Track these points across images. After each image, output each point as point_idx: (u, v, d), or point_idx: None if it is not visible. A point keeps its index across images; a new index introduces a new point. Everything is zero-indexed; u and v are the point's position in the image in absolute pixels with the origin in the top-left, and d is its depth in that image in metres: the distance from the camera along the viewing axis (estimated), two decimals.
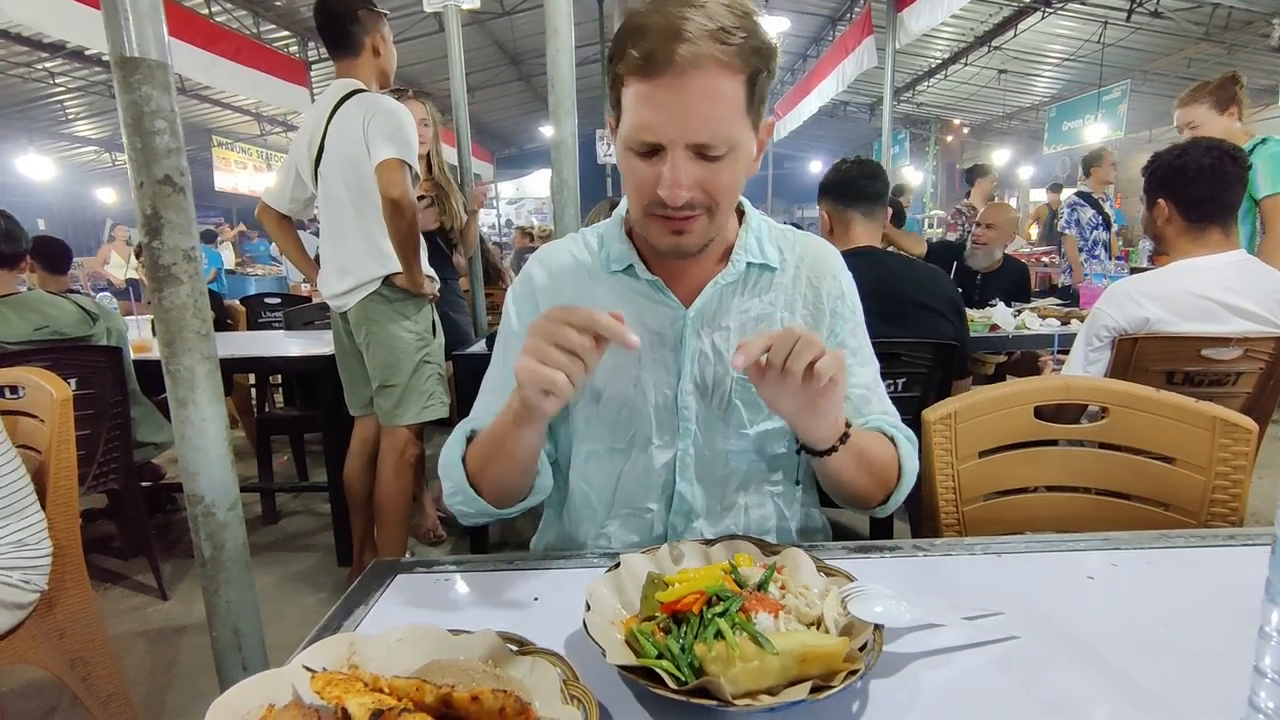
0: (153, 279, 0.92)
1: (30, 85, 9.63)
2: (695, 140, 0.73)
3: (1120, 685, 0.58)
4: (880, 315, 1.88)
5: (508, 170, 19.75)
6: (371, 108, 1.98)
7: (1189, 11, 8.13)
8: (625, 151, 0.78)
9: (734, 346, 0.87)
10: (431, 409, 2.19)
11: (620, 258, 0.89)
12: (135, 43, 0.86)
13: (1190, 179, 1.56)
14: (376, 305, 2.08)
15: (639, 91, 0.73)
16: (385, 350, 2.10)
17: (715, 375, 0.89)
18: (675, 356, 0.89)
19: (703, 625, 0.58)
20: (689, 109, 0.71)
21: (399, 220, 1.97)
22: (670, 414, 0.90)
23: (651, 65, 0.70)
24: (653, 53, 0.70)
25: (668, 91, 0.71)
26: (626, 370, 0.89)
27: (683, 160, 0.73)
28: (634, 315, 0.88)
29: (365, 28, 2.07)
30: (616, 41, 0.74)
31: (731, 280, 0.89)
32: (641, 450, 0.90)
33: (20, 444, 1.32)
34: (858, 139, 18.63)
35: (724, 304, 0.89)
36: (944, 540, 0.89)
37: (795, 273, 0.92)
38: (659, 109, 0.72)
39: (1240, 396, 1.61)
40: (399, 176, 1.95)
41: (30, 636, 1.28)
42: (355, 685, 0.52)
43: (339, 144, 2.02)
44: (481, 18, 9.87)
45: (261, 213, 2.32)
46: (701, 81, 0.70)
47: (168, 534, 2.95)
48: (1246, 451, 1.00)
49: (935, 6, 5.77)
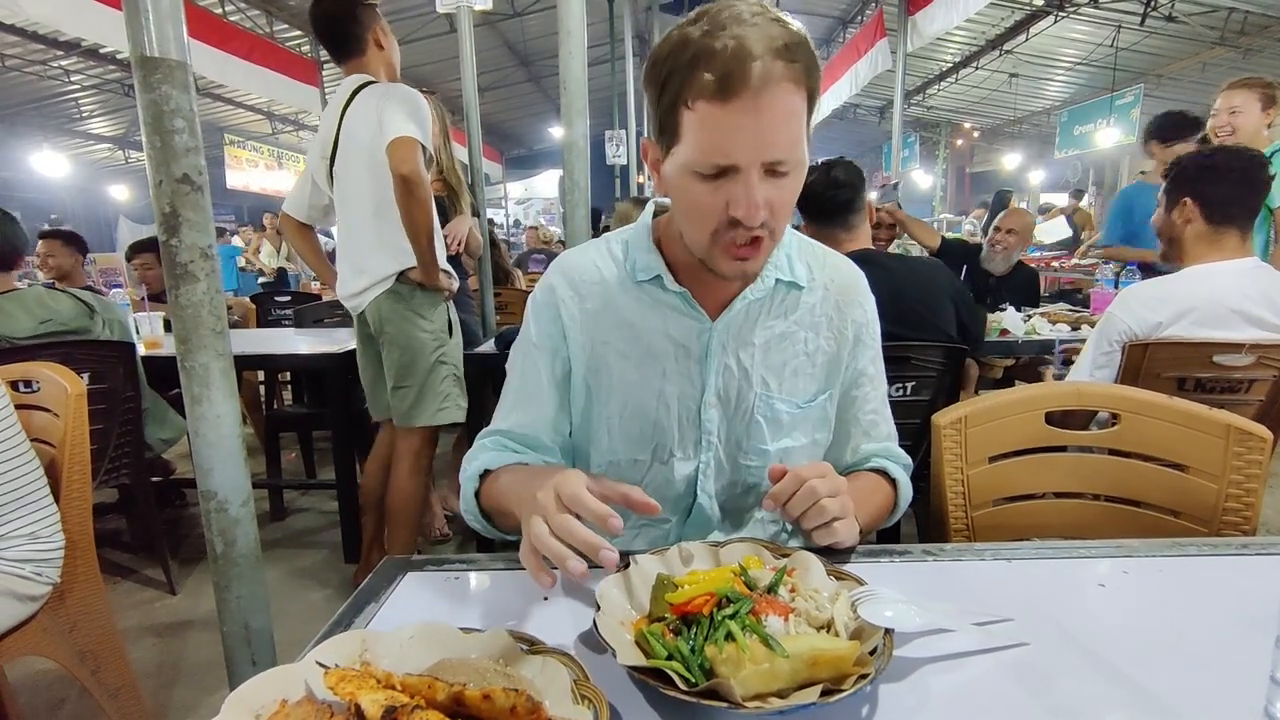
0: (170, 276, 0.93)
1: (46, 83, 9.72)
2: (772, 159, 0.72)
3: (1131, 693, 0.58)
4: (887, 318, 1.88)
5: (516, 170, 19.80)
6: (386, 92, 1.95)
7: (1204, 16, 8.07)
8: (688, 177, 0.75)
9: (758, 363, 0.89)
10: (446, 411, 2.13)
11: (648, 268, 0.88)
12: (155, 43, 0.87)
13: (1220, 177, 1.57)
14: (391, 303, 2.04)
15: (711, 115, 0.71)
16: (400, 350, 2.07)
17: (739, 390, 0.89)
18: (700, 370, 0.88)
19: (713, 627, 0.58)
20: (767, 129, 0.71)
21: (410, 200, 1.88)
22: (693, 427, 0.89)
23: (727, 88, 0.69)
24: (729, 75, 0.69)
25: (745, 114, 0.70)
26: (651, 383, 0.88)
27: (757, 179, 0.73)
28: (660, 326, 0.88)
29: (365, 24, 2.05)
30: (673, 66, 0.72)
31: (760, 296, 0.88)
32: (663, 462, 0.90)
33: (34, 438, 1.33)
34: (868, 142, 18.59)
35: (751, 319, 0.89)
36: (954, 545, 0.88)
37: (824, 294, 0.92)
38: (736, 130, 0.71)
39: (1253, 404, 1.60)
40: (410, 154, 1.86)
41: (42, 629, 1.29)
42: (368, 682, 0.52)
43: (355, 136, 1.98)
44: (492, 19, 9.90)
45: (283, 221, 2.33)
46: (777, 100, 0.70)
47: (177, 529, 2.98)
48: (1260, 460, 0.99)
49: (949, 10, 5.75)
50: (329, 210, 2.25)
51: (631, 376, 0.88)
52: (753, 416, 0.89)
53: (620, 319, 0.89)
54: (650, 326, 0.88)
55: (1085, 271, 6.21)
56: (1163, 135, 3.21)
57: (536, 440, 0.92)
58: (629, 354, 0.88)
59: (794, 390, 0.91)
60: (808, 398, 0.92)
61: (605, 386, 0.90)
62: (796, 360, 0.91)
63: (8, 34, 7.78)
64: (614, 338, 0.89)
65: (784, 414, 0.90)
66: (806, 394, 0.92)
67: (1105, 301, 2.61)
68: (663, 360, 0.88)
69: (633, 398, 0.89)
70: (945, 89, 12.57)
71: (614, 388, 0.89)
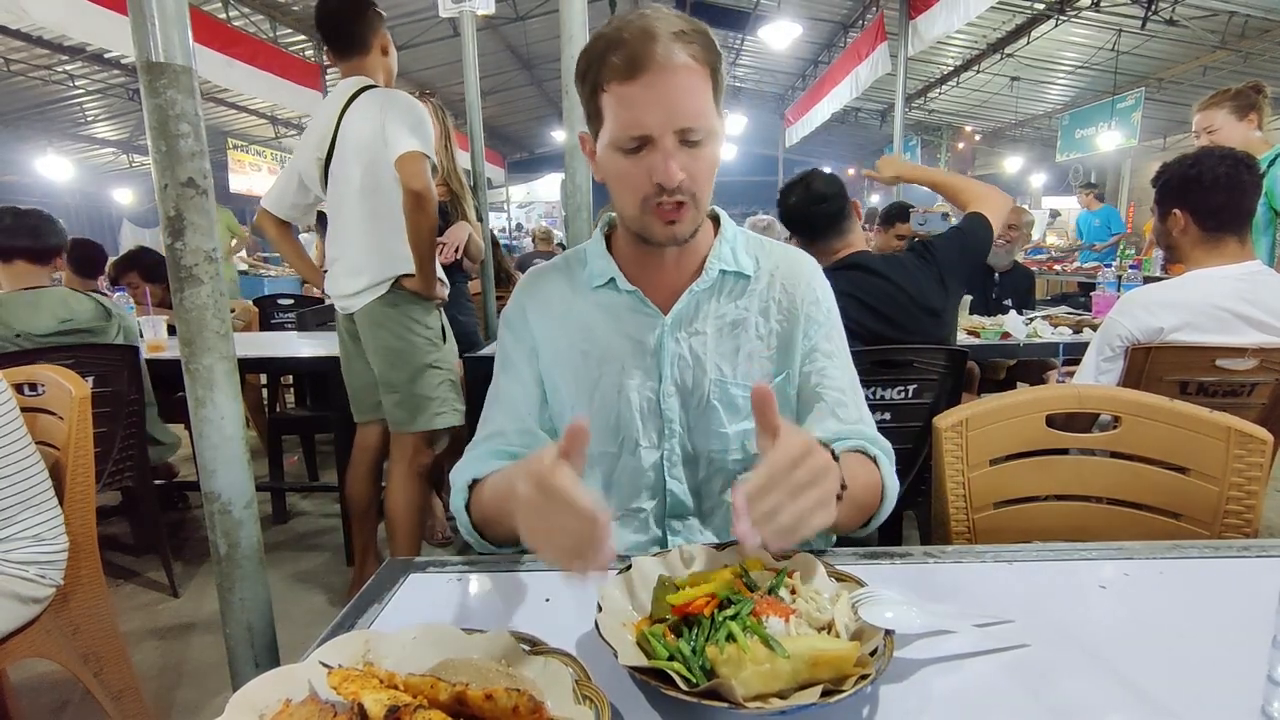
0: (174, 279, 0.94)
1: (50, 88, 9.76)
2: (681, 125, 0.80)
3: (1131, 694, 0.58)
4: (887, 322, 1.88)
5: (519, 174, 19.83)
6: (390, 101, 1.95)
7: (1205, 20, 8.07)
8: (613, 154, 0.84)
9: (711, 350, 0.93)
10: (443, 416, 2.13)
11: (602, 273, 0.95)
12: (161, 48, 0.87)
13: (1206, 187, 1.55)
14: (385, 308, 2.04)
15: (624, 93, 0.80)
16: (394, 354, 2.06)
17: (694, 378, 0.93)
18: (656, 361, 0.93)
19: (714, 628, 0.58)
20: (672, 99, 0.79)
21: (419, 215, 1.92)
22: (655, 416, 0.94)
23: (633, 67, 0.78)
24: (634, 56, 0.78)
25: (651, 88, 0.79)
26: (611, 378, 0.93)
27: (672, 146, 0.80)
28: (616, 327, 0.94)
29: (373, 26, 2.05)
30: (589, 58, 0.82)
31: (706, 287, 0.93)
32: (630, 452, 0.94)
33: (38, 440, 1.33)
34: (868, 145, 18.59)
35: (699, 309, 0.94)
36: (955, 547, 0.89)
37: (770, 279, 0.96)
38: (646, 104, 0.79)
39: (1255, 408, 1.59)
40: (420, 169, 1.89)
41: (45, 631, 1.29)
42: (371, 682, 0.52)
43: (354, 141, 1.98)
44: (494, 22, 9.93)
45: (260, 218, 2.28)
46: (678, 75, 0.79)
47: (179, 532, 2.98)
48: (1261, 463, 0.99)
49: (949, 14, 5.76)
50: (310, 210, 2.25)
51: (594, 374, 0.94)
52: (709, 402, 0.93)
53: (581, 322, 0.95)
54: (607, 327, 0.94)
55: (1087, 275, 6.21)
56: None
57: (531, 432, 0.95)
58: (590, 353, 0.94)
59: (749, 374, 0.93)
60: (764, 380, 0.93)
61: (572, 386, 0.95)
62: (750, 345, 0.94)
63: (13, 39, 7.81)
64: (577, 339, 0.95)
65: (739, 398, 0.93)
66: (763, 376, 0.94)
67: (1107, 304, 2.62)
68: (621, 357, 0.93)
69: (597, 394, 0.94)
70: (946, 92, 12.57)
71: (580, 385, 0.94)
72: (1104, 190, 8.43)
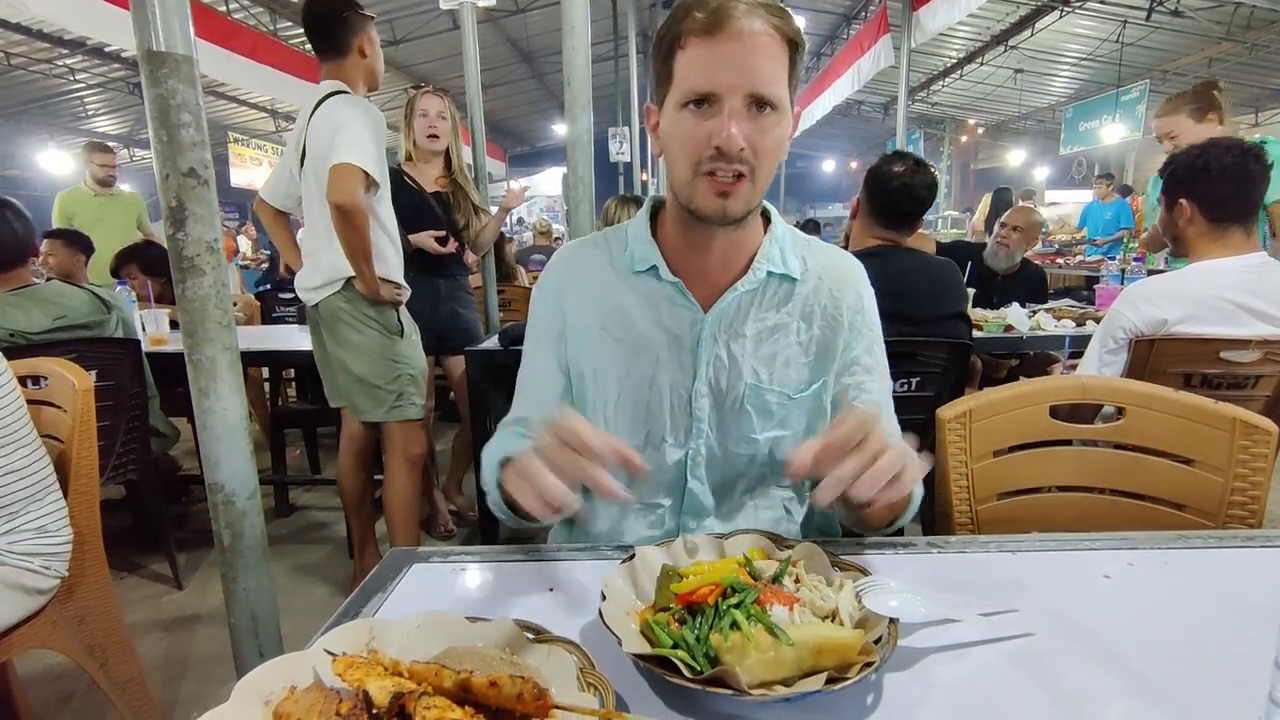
0: (176, 270, 0.94)
1: (51, 82, 9.75)
2: (753, 89, 0.77)
3: (1135, 684, 0.58)
4: (895, 315, 1.87)
5: (519, 168, 19.79)
6: (343, 111, 1.97)
7: (1210, 11, 8.01)
8: (677, 114, 0.80)
9: (749, 354, 0.90)
10: (401, 409, 2.17)
11: (645, 258, 0.91)
12: (162, 37, 0.87)
13: (1213, 177, 1.54)
14: (339, 304, 2.09)
15: (700, 49, 0.78)
16: (351, 346, 2.12)
17: (729, 380, 0.90)
18: (692, 359, 0.90)
19: (718, 616, 0.58)
20: (750, 61, 0.77)
21: (344, 228, 1.95)
22: (684, 414, 0.91)
23: (715, 23, 0.77)
24: (718, 13, 0.76)
25: (730, 44, 0.77)
26: (644, 370, 0.90)
27: (739, 108, 0.78)
28: (654, 316, 0.91)
29: (352, 28, 2.06)
30: (671, 19, 0.80)
31: (751, 288, 0.90)
32: (655, 448, 0.92)
33: (42, 433, 1.34)
34: (871, 138, 18.52)
35: (742, 311, 0.90)
36: (959, 537, 0.88)
37: (816, 284, 0.93)
38: (721, 60, 0.77)
39: (1259, 400, 1.59)
40: (346, 183, 1.90)
41: (50, 622, 1.30)
42: (376, 669, 0.52)
43: (312, 147, 2.02)
44: (495, 15, 9.89)
45: (258, 207, 2.35)
46: (758, 39, 0.77)
47: (183, 525, 2.99)
48: (1266, 454, 0.99)
49: (952, 6, 5.71)
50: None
51: (626, 362, 0.91)
52: (742, 406, 0.91)
53: (616, 306, 0.91)
54: (644, 315, 0.91)
55: (1091, 269, 6.19)
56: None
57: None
58: (623, 340, 0.91)
59: (785, 380, 0.92)
60: (800, 387, 0.92)
61: (601, 371, 0.92)
62: (789, 351, 0.92)
63: (13, 33, 7.80)
64: (610, 324, 0.91)
65: (774, 404, 0.91)
66: (799, 383, 0.92)
67: (1111, 297, 2.60)
68: (656, 348, 0.90)
69: (627, 383, 0.91)
70: (950, 85, 12.52)
71: (609, 373, 0.92)
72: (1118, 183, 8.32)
